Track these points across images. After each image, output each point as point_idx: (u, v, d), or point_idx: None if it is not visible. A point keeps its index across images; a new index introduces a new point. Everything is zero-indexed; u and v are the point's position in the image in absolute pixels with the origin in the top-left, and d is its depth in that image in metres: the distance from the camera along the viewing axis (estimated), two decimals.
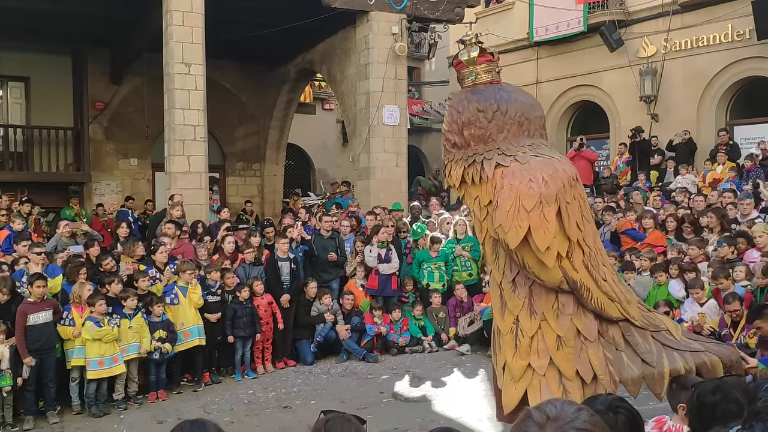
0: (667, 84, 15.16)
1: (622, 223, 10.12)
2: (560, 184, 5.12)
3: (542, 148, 5.49)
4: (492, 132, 5.50)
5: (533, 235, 5.07)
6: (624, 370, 5.20)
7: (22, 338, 7.27)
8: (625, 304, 5.33)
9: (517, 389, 5.32)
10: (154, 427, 7.20)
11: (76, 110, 16.49)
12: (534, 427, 1.56)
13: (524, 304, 5.36)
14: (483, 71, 5.73)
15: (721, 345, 5.81)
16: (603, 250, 5.58)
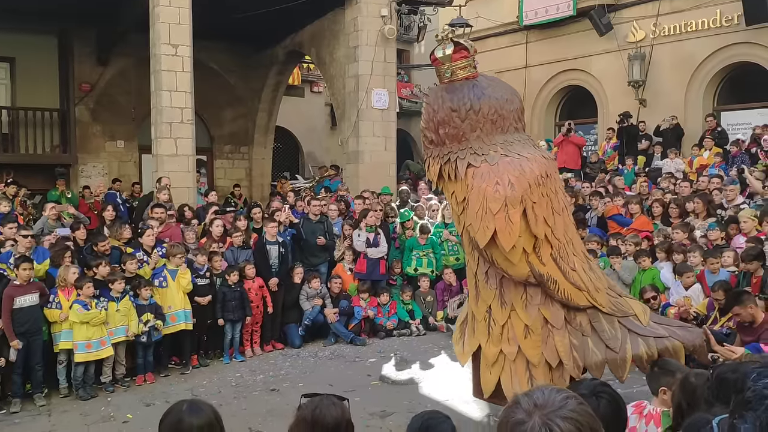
0: (656, 69, 15.20)
1: (609, 208, 10.18)
2: (526, 185, 5.36)
3: (514, 145, 5.68)
4: (465, 131, 5.67)
5: (499, 236, 5.35)
6: (588, 356, 5.45)
7: (9, 321, 7.25)
8: (594, 292, 5.55)
9: (493, 374, 5.66)
10: (142, 409, 7.21)
11: (62, 91, 16.33)
12: (522, 413, 1.57)
13: (495, 295, 5.67)
14: (459, 68, 5.81)
15: (687, 329, 5.98)
16: (576, 239, 5.81)
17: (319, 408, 2.65)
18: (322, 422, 2.61)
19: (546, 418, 1.53)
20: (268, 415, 6.81)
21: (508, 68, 17.81)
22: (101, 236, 8.82)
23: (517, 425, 1.54)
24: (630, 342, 5.52)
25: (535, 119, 17.62)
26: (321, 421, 2.62)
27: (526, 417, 1.55)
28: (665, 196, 10.30)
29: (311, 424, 2.62)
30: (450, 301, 10.14)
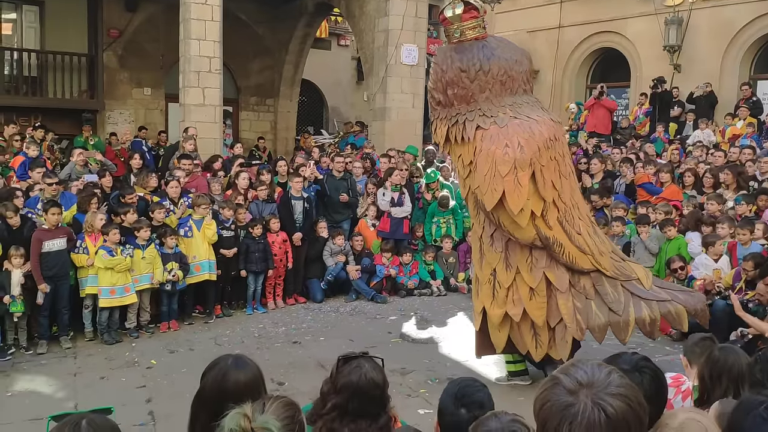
0: (693, 34, 14.80)
1: (640, 176, 10.02)
2: (535, 148, 5.42)
3: (523, 107, 5.71)
4: (474, 92, 5.68)
5: (507, 198, 5.42)
6: (591, 318, 5.58)
7: (37, 265, 7.34)
8: (598, 256, 5.65)
9: (502, 333, 5.87)
10: (166, 356, 7.32)
11: (90, 36, 16.28)
12: (566, 395, 1.46)
13: (501, 258, 5.76)
14: (468, 28, 5.78)
15: (689, 293, 6.06)
16: (581, 203, 5.89)
17: (364, 376, 2.61)
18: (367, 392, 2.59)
19: (595, 397, 1.43)
20: (290, 367, 6.88)
21: (540, 27, 17.46)
22: (129, 188, 8.85)
23: (566, 408, 1.43)
24: (633, 305, 5.62)
25: (567, 81, 17.31)
26: (367, 391, 2.59)
27: (573, 398, 1.44)
28: (698, 166, 10.11)
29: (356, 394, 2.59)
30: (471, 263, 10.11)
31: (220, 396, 2.37)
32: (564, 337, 5.69)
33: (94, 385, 6.47)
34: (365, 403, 2.62)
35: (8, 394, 6.22)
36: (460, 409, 2.56)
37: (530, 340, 5.78)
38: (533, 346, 5.82)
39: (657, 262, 8.47)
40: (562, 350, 5.72)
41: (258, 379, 2.51)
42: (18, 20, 16.28)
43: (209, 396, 2.43)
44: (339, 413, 2.63)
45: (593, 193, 9.81)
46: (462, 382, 2.68)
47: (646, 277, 5.88)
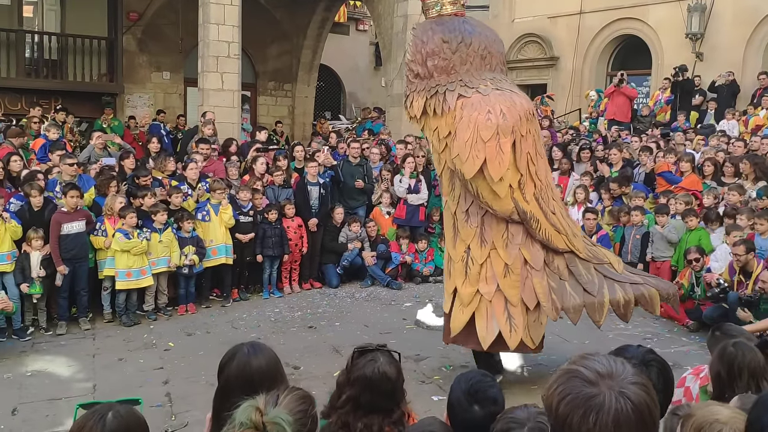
0: (716, 22, 14.58)
1: (660, 165, 9.93)
2: (517, 116, 5.42)
3: (503, 82, 5.74)
4: (455, 63, 5.66)
5: (488, 165, 5.37)
6: (566, 299, 5.54)
7: (57, 247, 7.44)
8: (572, 237, 5.66)
9: (465, 313, 5.67)
10: (183, 338, 7.40)
11: (110, 19, 16.33)
12: (586, 386, 1.44)
13: (476, 233, 5.67)
14: (448, 2, 5.81)
15: (659, 279, 6.18)
16: (553, 186, 5.93)
17: (377, 369, 2.61)
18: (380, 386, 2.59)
19: (618, 386, 1.43)
20: (306, 352, 6.93)
21: (561, 13, 17.28)
22: (144, 170, 8.91)
23: (589, 399, 1.42)
24: (607, 287, 5.63)
25: (587, 67, 17.13)
26: (379, 384, 2.58)
27: (595, 389, 1.43)
28: (717, 155, 9.99)
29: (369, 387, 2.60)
30: None
31: (247, 385, 2.35)
32: (538, 318, 5.62)
33: (112, 366, 6.55)
34: (377, 397, 2.62)
35: (28, 374, 6.33)
36: (474, 405, 2.52)
37: (504, 323, 5.56)
38: (507, 329, 5.57)
39: (676, 253, 8.41)
40: (535, 332, 5.63)
41: (277, 362, 2.52)
42: (39, 3, 16.37)
43: (236, 387, 2.39)
44: (352, 406, 2.63)
45: (612, 181, 9.72)
46: (473, 377, 2.62)
47: (618, 262, 5.95)
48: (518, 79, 18.80)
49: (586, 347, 6.96)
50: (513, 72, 18.79)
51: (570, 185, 10.34)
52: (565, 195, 10.15)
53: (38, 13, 16.38)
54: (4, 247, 7.22)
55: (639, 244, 8.71)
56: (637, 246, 8.73)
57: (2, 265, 7.19)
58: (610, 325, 7.97)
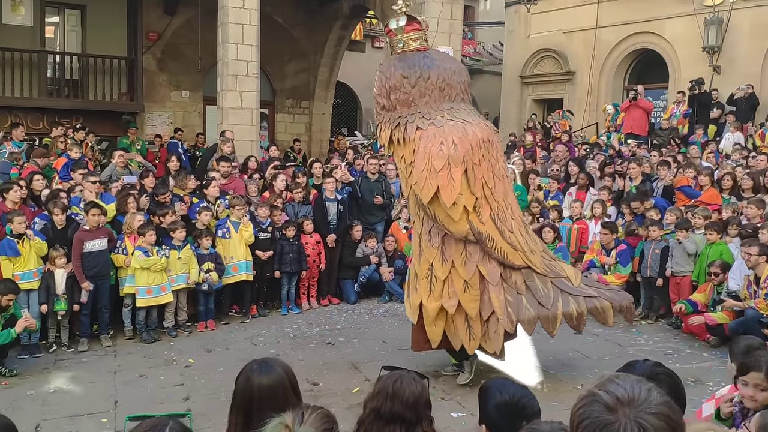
0: (733, 35, 14.54)
1: (678, 179, 9.88)
2: (468, 146, 5.85)
3: (461, 112, 6.17)
4: (415, 96, 6.13)
5: (441, 192, 5.85)
6: (522, 312, 5.95)
7: (79, 264, 7.53)
8: (529, 254, 6.05)
9: (438, 327, 6.17)
10: (203, 355, 7.44)
11: (130, 40, 16.59)
12: (605, 412, 1.43)
13: (438, 253, 6.12)
14: (411, 39, 6.26)
15: (615, 291, 6.53)
16: (514, 205, 6.32)
17: (400, 381, 2.66)
18: (401, 396, 2.62)
19: (636, 416, 1.40)
20: (324, 368, 6.94)
21: (577, 28, 17.31)
22: (163, 187, 9.02)
23: (606, 427, 1.40)
24: (561, 300, 6.03)
25: (603, 82, 17.12)
26: (401, 394, 2.62)
27: (612, 416, 1.41)
28: (735, 170, 9.92)
29: (390, 396, 2.63)
30: None
31: (248, 402, 2.44)
32: (497, 330, 6.02)
33: (133, 382, 6.60)
34: (398, 406, 2.64)
35: (50, 391, 6.39)
36: (522, 421, 2.49)
37: (464, 333, 6.09)
38: (467, 338, 6.10)
39: (697, 267, 8.35)
40: (495, 342, 6.05)
41: (284, 381, 2.57)
42: (60, 24, 16.68)
43: (239, 402, 2.51)
44: (374, 417, 2.67)
45: (632, 199, 9.64)
46: (515, 391, 2.59)
47: (575, 275, 6.30)
48: (534, 94, 18.87)
49: (605, 363, 6.94)
50: (529, 87, 18.87)
51: (588, 200, 10.30)
52: (583, 209, 10.12)
53: (60, 34, 16.69)
54: (30, 264, 7.34)
55: (658, 259, 8.66)
56: (656, 260, 8.68)
57: (29, 283, 7.29)
58: (629, 341, 7.96)
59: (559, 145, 12.78)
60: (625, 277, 9.01)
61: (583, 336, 8.06)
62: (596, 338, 8.06)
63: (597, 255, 9.15)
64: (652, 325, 8.60)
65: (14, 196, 7.80)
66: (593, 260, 9.16)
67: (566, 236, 9.72)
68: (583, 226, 9.81)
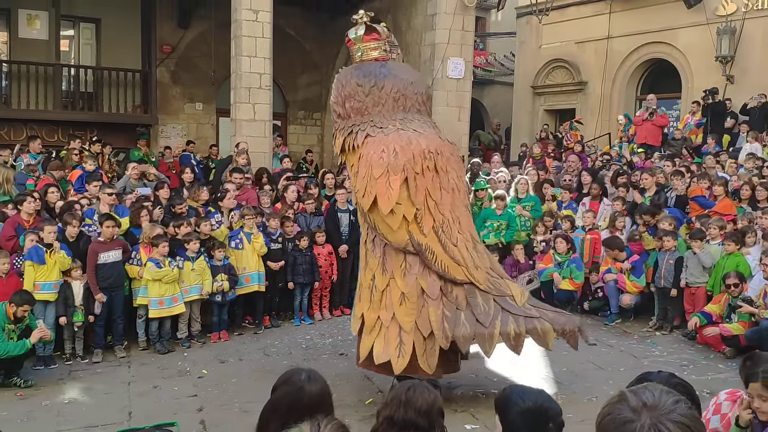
0: (746, 44, 14.48)
1: (692, 189, 9.83)
2: (410, 155, 5.79)
3: (414, 122, 6.13)
4: (368, 105, 6.16)
5: (378, 200, 5.80)
6: (458, 328, 5.75)
7: (94, 275, 7.59)
8: (472, 269, 5.89)
9: (368, 340, 5.98)
10: (217, 365, 7.46)
11: (144, 53, 16.77)
12: (628, 411, 1.51)
13: (379, 262, 6.03)
14: (369, 48, 6.32)
15: (560, 314, 6.23)
16: (464, 220, 6.14)
17: (413, 390, 2.68)
18: (414, 404, 2.64)
19: (656, 419, 1.47)
20: (337, 379, 6.90)
21: (589, 38, 17.30)
22: (179, 198, 9.08)
23: (624, 423, 1.48)
24: (500, 319, 5.82)
25: (616, 92, 17.09)
26: (414, 402, 2.64)
27: (634, 416, 1.48)
28: (752, 179, 9.86)
29: (404, 405, 2.65)
30: (519, 277, 10.02)
31: (294, 408, 2.48)
32: (433, 346, 5.82)
33: (147, 393, 6.63)
34: (411, 413, 2.66)
35: (65, 401, 6.42)
36: (548, 423, 2.52)
37: (394, 348, 5.83)
38: (396, 354, 5.81)
39: (712, 278, 8.29)
40: (430, 360, 5.80)
41: (328, 392, 2.66)
42: (75, 37, 16.90)
43: (283, 407, 2.55)
44: (388, 425, 2.68)
45: (643, 212, 9.60)
46: (536, 396, 2.59)
47: (521, 295, 6.06)
48: (546, 104, 18.86)
49: (620, 374, 6.90)
50: (541, 97, 18.86)
51: (601, 210, 10.27)
52: (596, 220, 10.08)
53: (74, 47, 16.91)
54: (53, 276, 7.40)
55: (672, 269, 8.61)
56: (670, 271, 8.63)
57: (48, 294, 7.36)
58: (644, 352, 7.91)
59: (571, 156, 12.76)
60: (641, 288, 8.99)
61: (598, 347, 8.05)
62: (611, 349, 8.03)
63: (612, 265, 9.13)
64: (667, 336, 8.54)
65: (29, 207, 7.87)
66: (610, 268, 9.15)
67: (579, 247, 9.69)
68: (596, 237, 9.78)
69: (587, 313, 9.54)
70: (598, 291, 9.51)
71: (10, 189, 8.75)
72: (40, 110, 15.35)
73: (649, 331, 8.73)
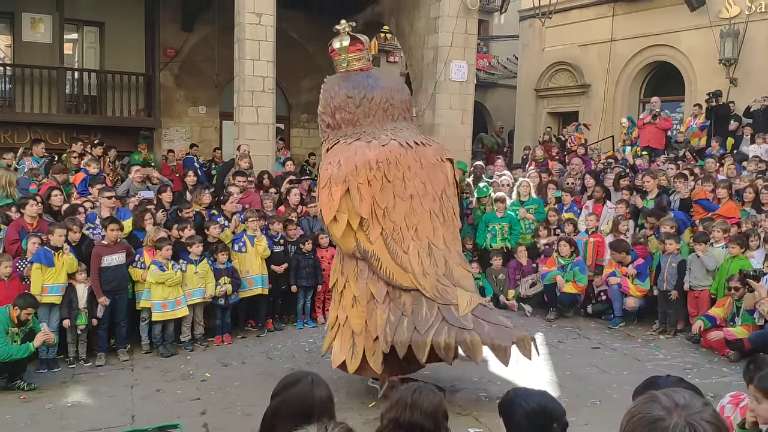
0: (750, 47, 14.45)
1: (696, 192, 9.81)
2: (352, 167, 5.96)
3: (403, 131, 6.31)
4: (359, 116, 6.35)
5: (321, 209, 6.11)
6: (398, 333, 5.87)
7: (97, 279, 7.59)
8: (419, 276, 5.96)
9: (329, 337, 6.41)
10: (220, 369, 7.46)
11: (147, 56, 16.80)
12: (660, 410, 1.53)
13: (340, 266, 6.34)
14: (354, 59, 6.47)
15: (500, 329, 5.97)
16: (421, 226, 6.15)
17: (418, 392, 2.69)
18: (420, 406, 2.65)
19: (690, 418, 1.50)
20: (339, 382, 6.87)
21: (591, 41, 17.29)
22: (186, 203, 9.10)
23: (656, 422, 1.51)
24: (437, 328, 5.85)
25: (619, 94, 17.07)
26: (420, 404, 2.65)
27: (666, 414, 1.51)
28: (756, 182, 9.83)
29: (409, 406, 2.66)
30: (522, 280, 10.03)
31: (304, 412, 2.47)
32: (379, 348, 5.99)
33: (150, 396, 6.63)
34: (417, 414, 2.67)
35: (68, 405, 6.42)
36: (552, 424, 2.54)
37: (348, 349, 6.11)
38: (350, 355, 6.10)
39: (716, 281, 8.27)
40: (375, 362, 6.00)
41: (332, 396, 2.66)
42: (79, 41, 16.93)
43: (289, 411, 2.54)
44: (393, 427, 2.68)
45: (648, 214, 9.58)
46: (539, 398, 2.60)
47: (468, 304, 5.98)
48: (549, 107, 18.85)
49: (623, 378, 6.89)
50: (544, 100, 18.85)
51: (604, 213, 10.26)
52: (600, 223, 10.06)
53: (78, 50, 16.95)
54: (61, 278, 7.42)
55: (675, 273, 8.60)
56: (673, 274, 8.61)
57: (55, 297, 7.37)
58: (648, 355, 7.90)
59: (574, 158, 12.74)
60: (645, 291, 8.97)
61: (601, 351, 8.03)
62: (614, 353, 8.01)
63: (617, 268, 9.12)
64: (671, 340, 8.52)
65: (31, 210, 7.88)
66: (614, 272, 9.14)
67: (582, 250, 9.68)
68: (599, 240, 9.77)
69: (591, 316, 9.53)
70: (602, 294, 9.50)
71: (13, 192, 8.77)
72: (44, 113, 15.38)
73: (652, 335, 8.71)
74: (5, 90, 15.71)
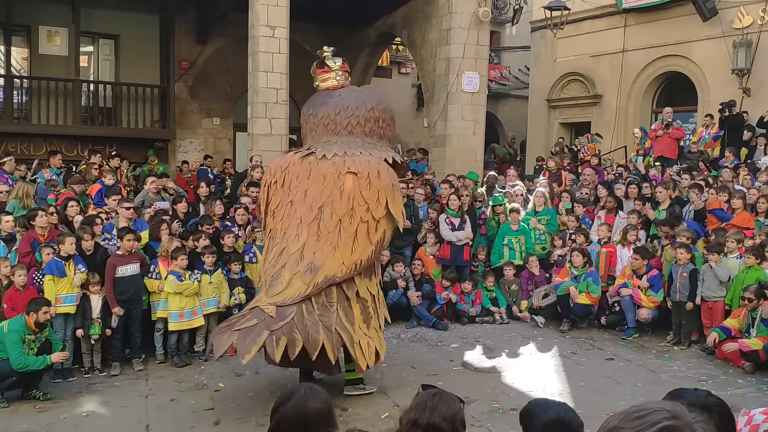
0: (763, 57, 14.40)
1: (710, 202, 9.77)
2: (269, 172, 7.04)
3: (333, 145, 6.74)
4: (306, 131, 7.23)
5: None
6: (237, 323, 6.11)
7: (112, 289, 7.65)
8: (261, 273, 6.84)
9: None
10: (233, 379, 7.48)
11: (162, 68, 16.97)
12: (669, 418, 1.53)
13: None
14: (321, 81, 7.27)
15: (248, 332, 5.95)
16: (290, 231, 6.49)
17: (438, 396, 2.71)
18: (439, 409, 2.67)
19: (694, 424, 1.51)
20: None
21: (603, 52, 17.29)
22: (209, 218, 9.14)
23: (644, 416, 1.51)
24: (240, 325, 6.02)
25: (631, 105, 17.04)
26: (439, 408, 2.67)
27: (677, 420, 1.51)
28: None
29: (429, 409, 2.67)
30: (535, 291, 10.01)
31: (302, 425, 2.48)
32: None
33: (164, 406, 6.66)
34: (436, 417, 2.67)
35: (84, 414, 6.47)
36: None
37: None
38: None
39: (730, 292, 8.23)
40: None
41: (331, 405, 2.66)
42: (94, 53, 17.14)
43: (290, 427, 2.54)
44: (411, 427, 2.70)
45: (662, 224, 9.55)
46: (558, 409, 2.61)
47: (257, 301, 6.34)
48: (561, 118, 18.85)
49: (638, 389, 6.86)
50: (556, 110, 18.85)
51: (617, 224, 10.23)
52: (612, 233, 10.03)
53: (93, 63, 17.16)
54: (75, 288, 7.49)
55: (687, 283, 8.56)
56: (685, 285, 8.58)
57: (69, 307, 7.43)
58: (662, 367, 7.86)
59: (587, 169, 12.73)
60: (658, 302, 8.94)
61: (615, 362, 8.00)
62: (629, 364, 7.98)
63: (629, 279, 9.09)
64: (685, 351, 8.47)
65: (41, 221, 7.93)
66: (626, 283, 9.11)
67: (595, 260, 9.66)
68: (611, 250, 9.74)
69: (605, 327, 9.49)
70: (615, 305, 9.46)
71: (30, 204, 8.86)
72: (60, 125, 15.56)
73: (667, 346, 8.67)
74: (22, 102, 15.90)
